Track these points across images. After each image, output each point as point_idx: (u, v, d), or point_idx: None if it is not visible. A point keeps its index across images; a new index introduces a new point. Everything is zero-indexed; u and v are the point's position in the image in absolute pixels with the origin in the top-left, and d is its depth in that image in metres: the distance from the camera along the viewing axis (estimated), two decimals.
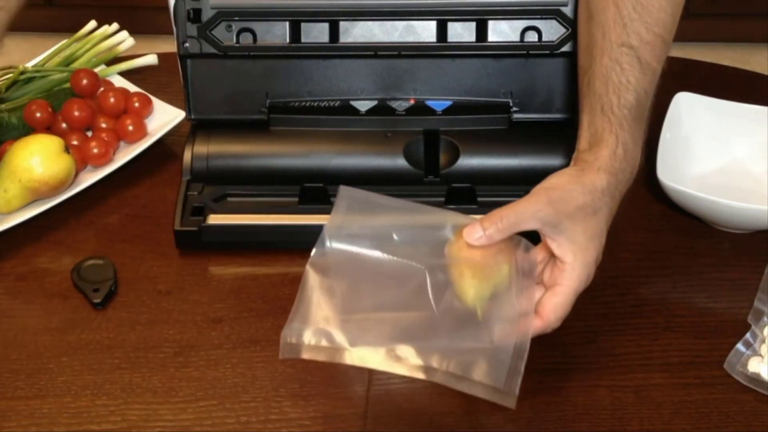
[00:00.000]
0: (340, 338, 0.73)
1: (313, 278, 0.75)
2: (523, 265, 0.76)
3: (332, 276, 0.75)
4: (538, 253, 0.77)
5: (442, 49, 0.96)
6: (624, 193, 0.79)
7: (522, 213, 0.74)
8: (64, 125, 1.06)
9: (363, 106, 0.98)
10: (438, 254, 0.75)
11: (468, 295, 0.74)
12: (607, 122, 0.77)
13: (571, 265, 0.75)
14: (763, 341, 0.81)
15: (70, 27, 1.33)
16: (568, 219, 0.74)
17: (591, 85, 0.79)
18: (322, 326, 0.74)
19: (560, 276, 0.75)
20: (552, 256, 0.76)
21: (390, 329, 0.74)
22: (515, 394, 0.72)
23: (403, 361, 0.73)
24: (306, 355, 0.73)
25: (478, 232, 0.74)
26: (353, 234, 0.75)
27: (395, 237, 0.75)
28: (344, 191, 0.76)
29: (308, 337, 0.73)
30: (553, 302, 0.75)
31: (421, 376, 0.72)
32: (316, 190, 0.94)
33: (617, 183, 0.77)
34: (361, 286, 0.75)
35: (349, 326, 0.74)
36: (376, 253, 0.75)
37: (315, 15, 0.95)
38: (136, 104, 1.08)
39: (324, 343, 0.73)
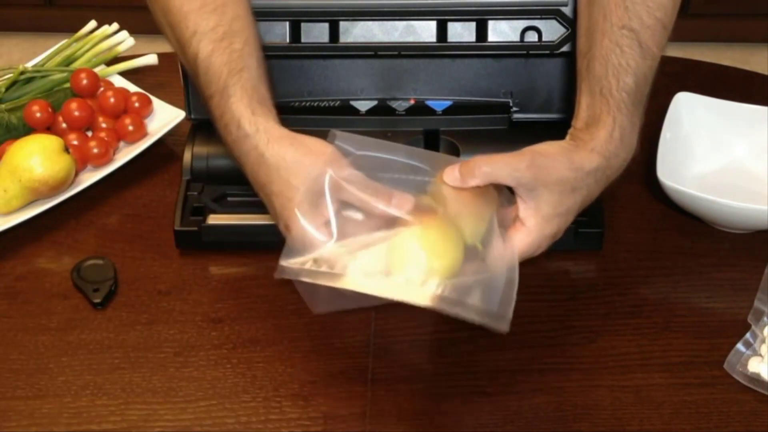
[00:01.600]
0: (338, 263, 0.71)
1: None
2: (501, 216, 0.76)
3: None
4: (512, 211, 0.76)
5: (442, 49, 0.96)
6: (612, 179, 0.78)
7: (501, 168, 0.73)
8: (64, 125, 1.06)
9: (363, 106, 0.98)
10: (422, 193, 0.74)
11: (467, 232, 0.73)
12: (605, 104, 0.77)
13: (528, 230, 0.75)
14: (763, 341, 0.81)
15: (70, 27, 1.33)
16: (544, 187, 0.74)
17: (590, 67, 0.79)
18: (319, 252, 0.72)
19: (514, 235, 0.75)
20: (516, 214, 0.76)
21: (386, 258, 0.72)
22: (508, 318, 0.71)
23: (400, 286, 0.71)
24: (304, 278, 0.71)
25: (455, 175, 0.73)
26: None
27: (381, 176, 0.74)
28: (337, 135, 0.75)
29: (306, 262, 0.71)
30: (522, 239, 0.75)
31: (416, 300, 0.70)
32: None
33: (607, 167, 0.76)
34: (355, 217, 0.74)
35: (345, 252, 0.72)
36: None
37: (315, 15, 0.95)
38: (136, 104, 1.09)
39: (323, 268, 0.71)
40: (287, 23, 0.95)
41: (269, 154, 0.73)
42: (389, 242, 0.72)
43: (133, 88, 1.12)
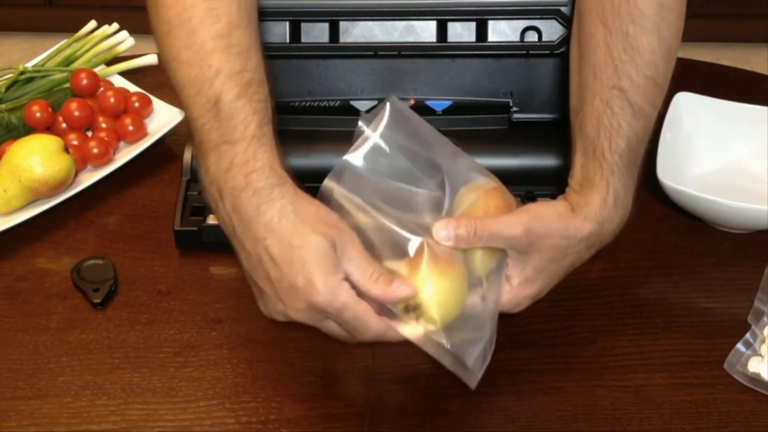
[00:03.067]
0: None
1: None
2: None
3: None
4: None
5: (442, 49, 0.96)
6: (605, 243, 0.77)
7: (499, 233, 0.72)
8: (63, 125, 1.06)
9: (363, 106, 0.98)
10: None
11: (477, 263, 0.74)
12: (599, 167, 0.76)
13: (509, 287, 0.75)
14: (763, 341, 0.81)
15: (70, 27, 1.33)
16: (537, 253, 0.74)
17: (583, 127, 0.78)
18: None
19: (514, 273, 0.75)
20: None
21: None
22: (478, 377, 0.72)
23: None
24: None
25: (449, 232, 0.72)
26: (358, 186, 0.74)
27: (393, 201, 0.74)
28: (392, 103, 0.74)
29: None
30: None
31: (403, 331, 0.72)
32: (316, 190, 0.94)
33: (599, 233, 0.76)
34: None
35: None
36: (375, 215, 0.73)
37: (315, 15, 0.95)
38: (136, 104, 1.09)
39: None
40: (287, 23, 0.95)
41: (299, 206, 0.71)
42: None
43: (133, 88, 1.13)
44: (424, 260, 0.71)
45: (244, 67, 0.72)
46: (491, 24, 0.95)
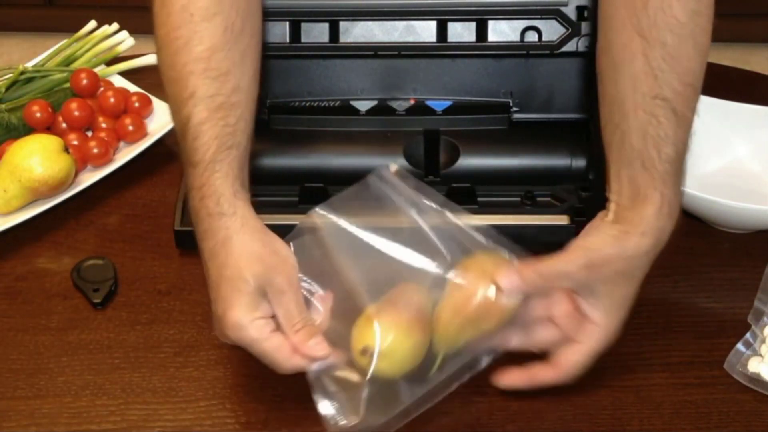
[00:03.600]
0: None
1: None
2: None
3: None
4: (556, 305, 0.75)
5: (442, 49, 0.96)
6: (661, 248, 0.76)
7: (560, 272, 0.73)
8: (64, 125, 1.06)
9: (363, 106, 0.98)
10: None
11: (439, 338, 0.75)
12: (649, 178, 0.74)
13: (599, 326, 0.74)
14: (763, 341, 0.81)
15: (70, 27, 1.33)
16: (603, 283, 0.74)
17: (625, 141, 0.76)
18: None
19: (585, 334, 0.75)
20: (578, 309, 0.75)
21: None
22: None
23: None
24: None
25: (514, 282, 0.73)
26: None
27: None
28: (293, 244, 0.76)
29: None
30: (574, 360, 0.75)
31: (346, 371, 0.74)
32: (316, 190, 0.94)
33: (656, 245, 0.75)
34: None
35: None
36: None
37: (315, 15, 0.95)
38: (136, 104, 1.09)
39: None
40: (287, 23, 0.95)
41: (237, 240, 0.73)
42: (363, 317, 0.74)
43: (133, 88, 1.13)
44: (390, 313, 0.73)
45: (218, 91, 0.74)
46: (491, 24, 0.95)
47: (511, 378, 0.76)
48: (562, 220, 0.90)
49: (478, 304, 0.74)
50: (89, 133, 1.07)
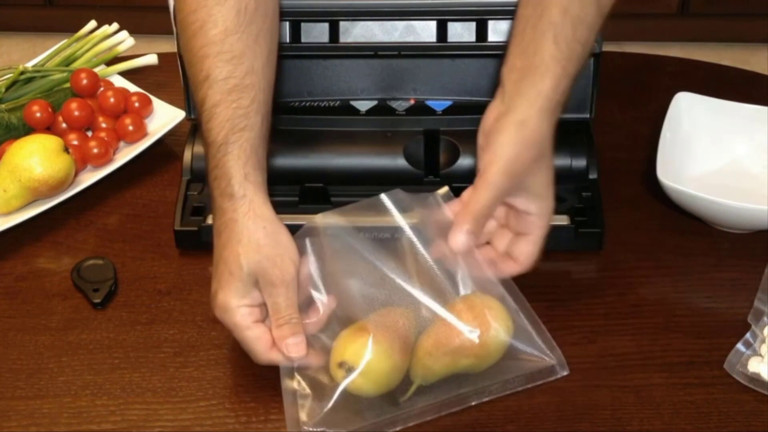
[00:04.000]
0: None
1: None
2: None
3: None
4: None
5: (442, 49, 0.96)
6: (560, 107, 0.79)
7: (490, 200, 0.76)
8: (64, 125, 1.06)
9: (363, 106, 0.98)
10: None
11: (417, 370, 0.76)
12: (557, 51, 0.77)
13: (537, 215, 0.78)
14: (763, 341, 0.81)
15: (70, 27, 1.33)
16: (525, 178, 0.77)
17: (545, 15, 0.77)
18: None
19: (528, 226, 0.79)
20: (510, 206, 0.79)
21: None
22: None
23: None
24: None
25: (460, 240, 0.75)
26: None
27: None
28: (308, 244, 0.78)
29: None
30: (528, 250, 0.79)
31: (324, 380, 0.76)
32: (316, 189, 0.94)
33: (553, 118, 0.78)
34: None
35: None
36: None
37: (315, 15, 0.95)
38: (136, 104, 1.09)
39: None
40: (287, 23, 0.95)
41: (241, 225, 0.75)
42: (348, 330, 0.75)
43: (133, 88, 1.13)
44: (372, 333, 0.74)
45: (231, 73, 0.76)
46: (491, 24, 0.95)
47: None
48: (562, 220, 0.90)
49: (460, 342, 0.75)
50: (89, 133, 1.07)
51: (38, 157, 0.96)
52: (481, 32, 0.95)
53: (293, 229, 0.91)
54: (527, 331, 0.78)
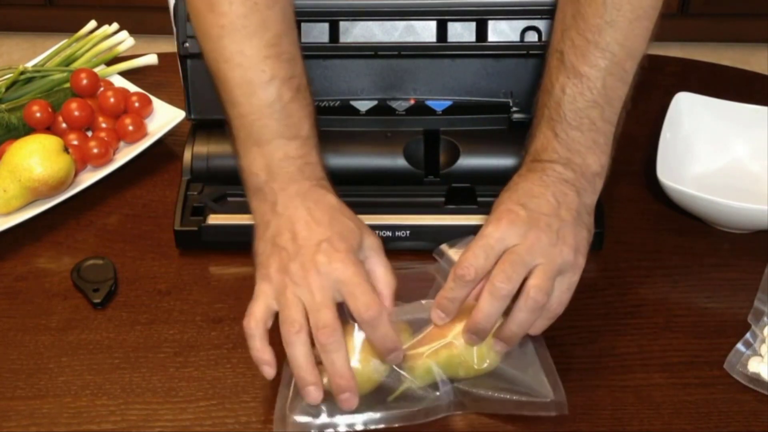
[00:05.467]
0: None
1: None
2: None
3: None
4: None
5: (442, 49, 0.96)
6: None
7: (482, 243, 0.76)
8: (64, 125, 1.06)
9: (363, 106, 0.98)
10: None
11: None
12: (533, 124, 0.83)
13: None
14: (763, 341, 0.81)
15: (70, 27, 1.33)
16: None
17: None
18: None
19: None
20: None
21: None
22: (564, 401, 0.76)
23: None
24: None
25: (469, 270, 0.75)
26: None
27: None
28: None
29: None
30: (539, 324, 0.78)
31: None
32: None
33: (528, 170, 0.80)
34: None
35: None
36: None
37: (315, 15, 0.95)
38: (136, 104, 1.09)
39: None
40: None
41: (337, 201, 0.78)
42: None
43: (133, 88, 1.12)
44: (360, 340, 0.75)
45: (293, 73, 0.80)
46: (491, 24, 0.95)
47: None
48: None
49: (448, 349, 0.76)
50: (89, 133, 1.07)
51: (38, 157, 0.96)
52: (481, 32, 0.95)
53: None
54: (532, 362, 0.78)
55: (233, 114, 0.80)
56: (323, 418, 0.74)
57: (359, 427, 0.75)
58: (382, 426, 0.75)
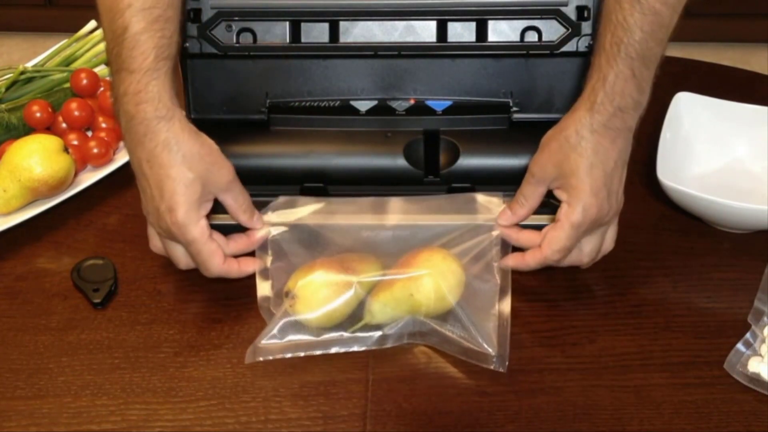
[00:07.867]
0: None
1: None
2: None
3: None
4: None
5: (442, 49, 0.96)
6: (623, 122, 0.82)
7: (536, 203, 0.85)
8: (64, 125, 1.06)
9: (363, 106, 0.98)
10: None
11: (373, 311, 0.82)
12: (596, 58, 0.82)
13: (567, 202, 0.82)
14: (763, 341, 0.81)
15: (70, 27, 1.33)
16: (553, 166, 0.83)
17: (597, 34, 0.83)
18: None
19: (559, 212, 0.83)
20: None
21: None
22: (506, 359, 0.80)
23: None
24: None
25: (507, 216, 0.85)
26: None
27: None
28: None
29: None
30: (552, 235, 0.83)
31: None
32: (316, 190, 0.94)
33: (592, 117, 0.81)
34: None
35: None
36: None
37: (315, 15, 0.95)
38: None
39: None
40: (287, 23, 0.95)
41: (180, 140, 0.80)
42: (307, 264, 0.83)
43: None
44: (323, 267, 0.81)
45: (155, 4, 0.79)
46: (491, 24, 0.95)
47: (506, 261, 0.85)
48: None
49: (412, 283, 0.80)
50: (89, 133, 1.07)
51: (38, 157, 0.96)
52: (481, 32, 0.95)
53: None
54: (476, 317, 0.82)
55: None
56: (287, 340, 0.80)
57: (318, 351, 0.81)
58: (341, 350, 0.81)
